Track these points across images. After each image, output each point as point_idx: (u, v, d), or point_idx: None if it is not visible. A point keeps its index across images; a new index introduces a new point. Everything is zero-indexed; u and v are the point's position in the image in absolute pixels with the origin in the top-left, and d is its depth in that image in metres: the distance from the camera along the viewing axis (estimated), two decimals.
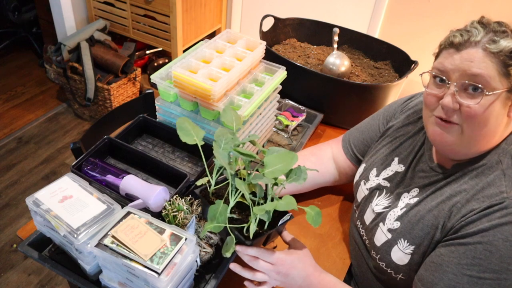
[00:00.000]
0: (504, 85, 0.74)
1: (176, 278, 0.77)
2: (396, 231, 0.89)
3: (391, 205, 0.94)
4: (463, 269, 0.76)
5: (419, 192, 0.90)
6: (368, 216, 0.99)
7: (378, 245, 0.93)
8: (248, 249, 0.81)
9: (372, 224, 0.96)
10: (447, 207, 0.82)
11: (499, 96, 0.75)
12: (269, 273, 0.83)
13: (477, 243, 0.75)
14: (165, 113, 1.16)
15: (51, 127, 2.61)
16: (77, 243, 0.79)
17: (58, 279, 1.83)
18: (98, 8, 2.76)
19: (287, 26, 1.74)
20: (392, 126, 1.05)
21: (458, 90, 0.77)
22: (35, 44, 3.16)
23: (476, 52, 0.75)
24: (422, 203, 0.87)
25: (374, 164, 1.03)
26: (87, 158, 1.00)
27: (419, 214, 0.86)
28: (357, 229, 1.04)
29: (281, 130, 1.40)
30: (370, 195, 1.01)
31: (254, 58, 1.17)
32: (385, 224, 0.92)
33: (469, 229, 0.77)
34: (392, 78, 1.59)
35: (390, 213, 0.92)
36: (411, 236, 0.86)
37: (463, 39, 0.77)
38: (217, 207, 0.80)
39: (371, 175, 1.03)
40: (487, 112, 0.75)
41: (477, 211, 0.77)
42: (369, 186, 1.02)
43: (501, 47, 0.73)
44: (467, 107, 0.76)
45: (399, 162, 0.98)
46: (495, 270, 0.73)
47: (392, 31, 2.48)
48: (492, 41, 0.74)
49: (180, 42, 2.63)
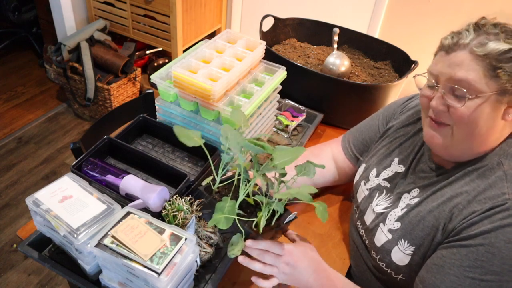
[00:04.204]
0: (492, 88, 0.74)
1: (176, 278, 0.77)
2: (397, 232, 0.89)
3: (392, 205, 0.94)
4: (465, 271, 0.76)
5: (419, 192, 0.90)
6: (369, 216, 0.99)
7: (378, 245, 0.93)
8: (259, 242, 0.83)
9: (373, 225, 0.96)
10: (448, 208, 0.82)
11: (487, 99, 0.75)
12: (278, 265, 0.83)
13: (479, 245, 0.75)
14: (165, 113, 1.16)
15: (51, 127, 2.61)
16: (77, 243, 0.79)
17: (58, 279, 1.83)
18: (98, 8, 2.76)
19: (287, 26, 1.74)
20: (392, 127, 1.05)
21: (446, 92, 0.79)
22: (35, 44, 3.16)
23: (464, 55, 0.76)
24: (423, 203, 0.87)
25: (374, 165, 1.03)
26: (87, 158, 1.00)
27: (420, 215, 0.86)
28: (357, 229, 1.04)
29: (281, 130, 1.40)
30: (370, 195, 1.01)
31: (254, 58, 1.17)
32: (386, 224, 0.92)
33: (470, 231, 0.77)
34: (392, 78, 1.59)
35: (391, 214, 0.92)
36: (411, 237, 0.86)
37: (452, 41, 0.78)
38: (224, 203, 0.80)
39: (371, 175, 1.03)
40: (475, 114, 0.76)
41: (478, 213, 0.77)
42: (369, 186, 1.02)
43: (488, 50, 0.74)
44: (454, 109, 0.78)
45: (399, 163, 0.98)
46: (497, 272, 0.73)
47: (392, 31, 2.48)
48: (480, 44, 0.75)
49: (180, 42, 2.63)
